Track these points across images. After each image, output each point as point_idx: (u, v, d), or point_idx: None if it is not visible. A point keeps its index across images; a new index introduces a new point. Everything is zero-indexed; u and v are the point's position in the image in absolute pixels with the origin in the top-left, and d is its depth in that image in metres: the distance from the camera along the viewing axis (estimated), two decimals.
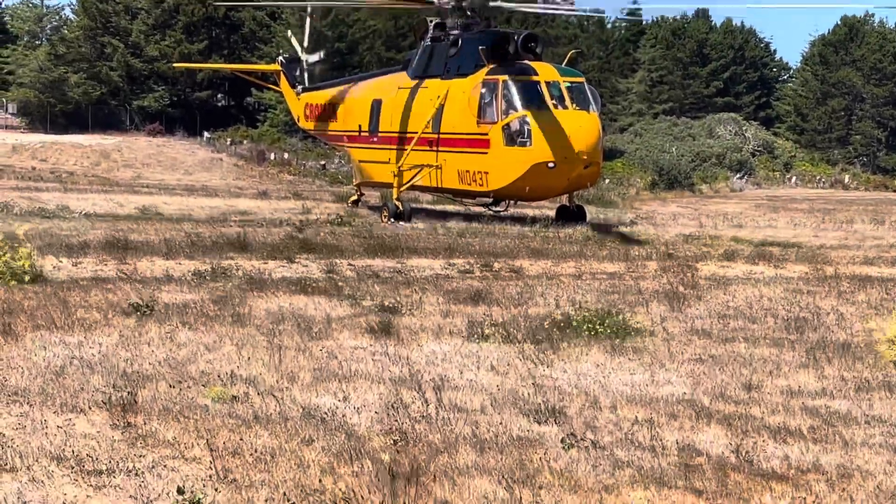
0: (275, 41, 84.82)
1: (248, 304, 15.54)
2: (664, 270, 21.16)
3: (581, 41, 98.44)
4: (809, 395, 11.17)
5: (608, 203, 49.33)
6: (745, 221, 38.52)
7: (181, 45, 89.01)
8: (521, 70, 32.67)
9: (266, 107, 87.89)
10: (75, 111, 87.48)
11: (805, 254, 25.31)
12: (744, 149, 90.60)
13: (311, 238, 25.25)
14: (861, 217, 42.97)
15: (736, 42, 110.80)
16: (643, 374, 11.94)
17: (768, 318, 15.66)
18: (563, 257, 23.26)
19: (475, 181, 33.32)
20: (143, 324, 13.79)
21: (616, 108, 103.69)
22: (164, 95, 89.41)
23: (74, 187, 46.74)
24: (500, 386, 11.17)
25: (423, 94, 35.29)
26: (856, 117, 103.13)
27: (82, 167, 63.42)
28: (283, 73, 45.12)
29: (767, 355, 13.03)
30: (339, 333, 13.71)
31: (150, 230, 26.02)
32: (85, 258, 20.13)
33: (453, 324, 14.51)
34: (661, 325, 14.77)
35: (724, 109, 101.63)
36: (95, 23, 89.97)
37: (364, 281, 18.47)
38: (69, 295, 15.70)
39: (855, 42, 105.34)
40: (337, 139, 41.93)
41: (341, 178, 63.70)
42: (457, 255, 23.03)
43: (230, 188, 53.42)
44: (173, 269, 19.12)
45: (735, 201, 58.14)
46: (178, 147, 75.11)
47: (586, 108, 32.41)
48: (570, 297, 17.08)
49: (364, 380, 11.27)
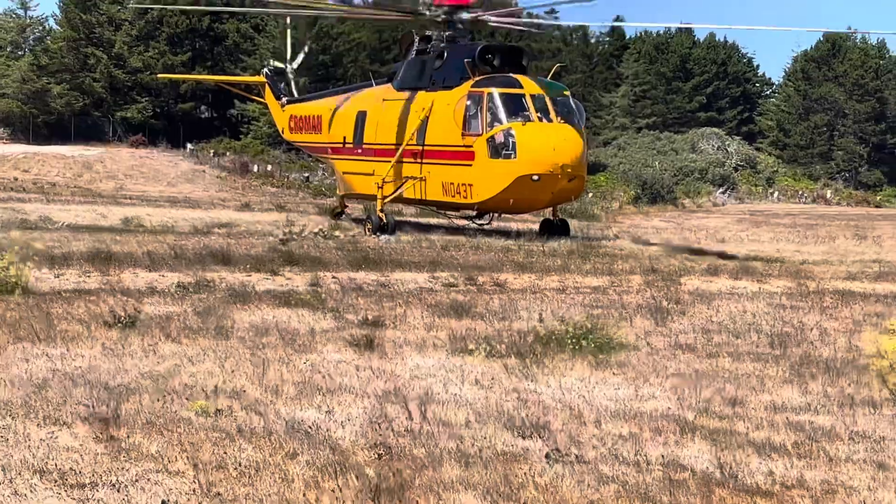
0: (259, 53, 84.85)
1: (231, 316, 15.50)
2: (648, 285, 21.18)
3: (565, 55, 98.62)
4: (793, 410, 11.17)
5: (592, 217, 49.45)
6: (727, 236, 38.62)
7: (165, 57, 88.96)
8: (506, 83, 32.77)
9: (249, 118, 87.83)
10: (58, 122, 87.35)
11: (788, 269, 25.37)
12: (726, 163, 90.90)
13: (294, 251, 25.22)
14: (843, 232, 43.13)
15: (719, 57, 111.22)
16: (627, 388, 11.94)
17: (752, 333, 15.67)
18: (546, 271, 23.27)
19: (459, 193, 33.37)
20: (127, 336, 13.73)
21: (599, 122, 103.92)
22: (148, 107, 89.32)
23: (57, 198, 46.69)
24: (484, 400, 11.16)
25: (407, 107, 35.33)
26: (838, 133, 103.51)
27: (65, 178, 63.32)
28: (267, 84, 45.14)
29: (751, 370, 13.04)
30: (323, 347, 13.68)
31: (133, 242, 25.96)
32: (68, 270, 20.06)
33: (437, 337, 14.49)
34: (645, 340, 14.77)
35: (707, 124, 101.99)
36: (79, 34, 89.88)
37: (348, 294, 18.44)
38: (52, 307, 15.65)
39: (837, 58, 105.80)
40: (321, 151, 41.94)
41: (325, 190, 63.73)
42: (441, 268, 23.01)
43: (213, 200, 53.39)
44: (157, 282, 19.07)
45: (718, 216, 58.32)
46: (161, 159, 75.05)
47: (571, 122, 32.55)
48: (555, 311, 17.08)
49: (348, 393, 11.25)
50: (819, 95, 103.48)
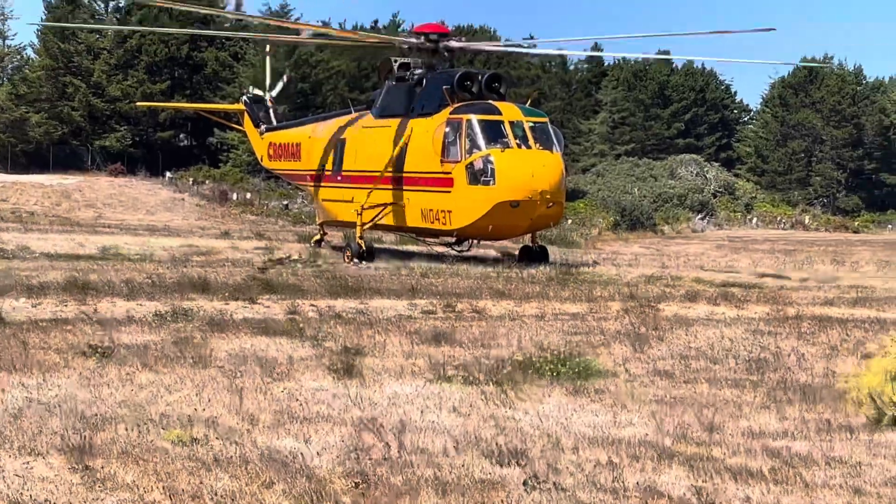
0: (238, 81, 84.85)
1: (209, 345, 15.45)
2: (626, 311, 21.19)
3: (543, 82, 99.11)
4: (770, 436, 11.18)
5: (571, 243, 49.51)
6: (706, 262, 38.70)
7: (144, 86, 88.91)
8: (484, 109, 32.84)
9: (229, 147, 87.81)
10: (36, 151, 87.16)
11: (766, 294, 25.43)
12: (705, 190, 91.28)
13: (273, 278, 25.17)
14: (821, 258, 43.27)
15: (697, 84, 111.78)
16: (605, 415, 11.93)
17: (730, 358, 15.69)
18: (525, 298, 23.27)
19: (438, 220, 33.39)
20: (103, 365, 13.67)
21: (578, 149, 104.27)
22: (127, 135, 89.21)
23: (35, 227, 46.52)
24: (462, 428, 11.14)
25: (386, 133, 35.38)
26: (815, 159, 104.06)
27: (43, 207, 63.11)
28: (246, 112, 45.19)
29: (729, 396, 13.05)
30: (300, 375, 13.64)
31: (111, 271, 25.88)
32: (45, 299, 19.99)
33: (416, 365, 14.47)
34: (623, 366, 14.78)
35: (685, 151, 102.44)
36: (57, 62, 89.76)
37: (326, 322, 18.41)
38: (28, 336, 15.57)
39: (814, 84, 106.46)
40: (300, 178, 41.95)
41: (304, 217, 63.68)
42: (420, 295, 23.00)
43: (192, 228, 53.30)
44: (134, 311, 19.01)
45: (697, 242, 58.48)
46: (139, 187, 74.85)
47: (549, 148, 32.64)
48: (533, 337, 17.08)
49: (326, 422, 11.21)
50: (797, 122, 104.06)
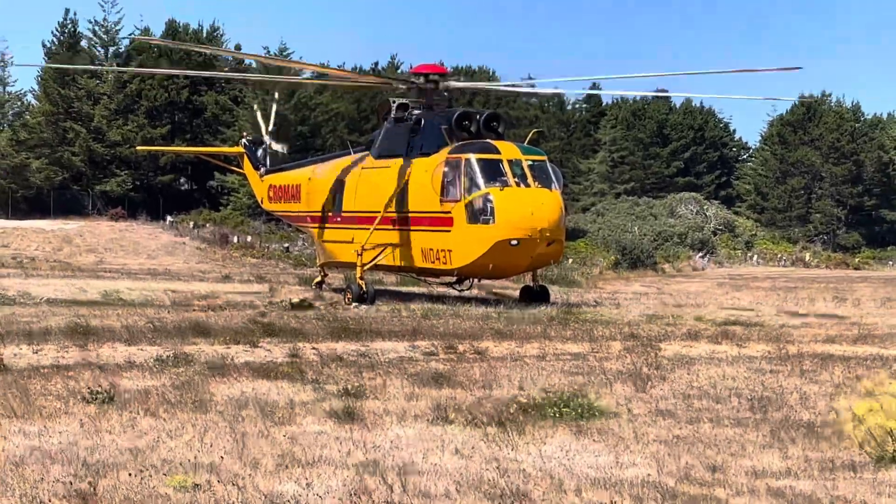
0: (237, 125, 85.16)
1: (210, 389, 15.43)
2: (628, 351, 21.17)
3: (542, 122, 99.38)
4: (774, 475, 11.15)
5: (572, 283, 49.48)
6: (707, 300, 38.67)
7: (144, 130, 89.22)
8: (483, 148, 32.92)
9: (229, 190, 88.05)
10: (37, 196, 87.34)
11: (768, 333, 25.40)
12: (705, 228, 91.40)
13: (274, 322, 25.17)
14: (823, 295, 43.24)
15: (696, 122, 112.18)
16: (608, 456, 11.90)
17: (732, 397, 15.66)
18: (527, 338, 23.25)
19: (439, 259, 33.42)
20: (105, 411, 13.65)
21: (578, 189, 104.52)
22: (127, 180, 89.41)
23: (36, 273, 46.53)
24: (464, 470, 11.11)
25: (385, 174, 35.47)
26: (815, 196, 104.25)
27: (44, 252, 63.17)
28: (246, 155, 45.34)
29: (732, 436, 13.02)
30: (302, 418, 13.61)
31: (113, 316, 25.88)
32: (46, 345, 19.98)
33: (418, 407, 14.44)
34: (625, 406, 14.74)
35: (685, 189, 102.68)
36: (57, 108, 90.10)
37: (328, 365, 18.38)
38: (29, 383, 15.56)
39: (813, 122, 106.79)
40: (300, 220, 42.03)
41: (305, 260, 63.73)
42: (421, 337, 22.98)
43: (193, 272, 53.31)
44: (135, 356, 18.99)
45: (698, 280, 58.45)
46: (140, 231, 74.97)
47: (548, 186, 32.68)
48: (535, 378, 17.05)
49: (328, 465, 11.18)
50: (796, 159, 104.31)
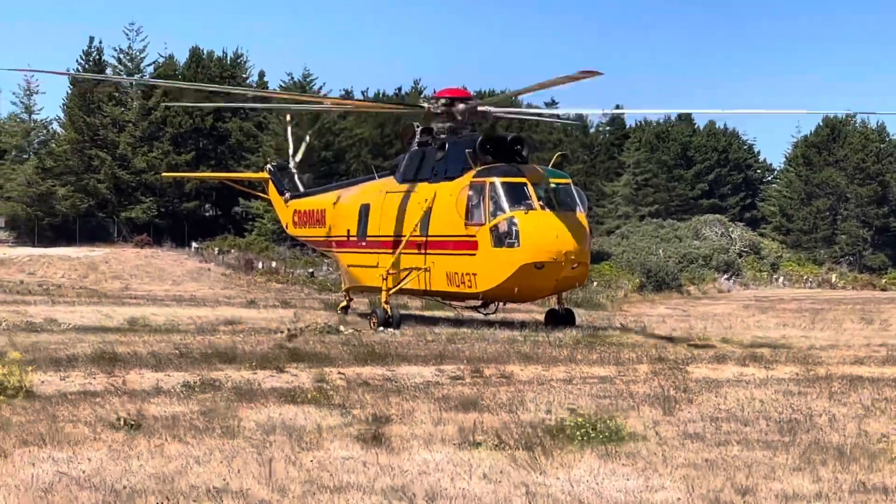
0: (261, 151, 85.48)
1: (237, 415, 15.43)
2: (655, 374, 21.09)
3: (565, 146, 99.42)
4: (804, 498, 11.07)
5: (597, 306, 49.39)
6: (734, 323, 38.52)
7: (169, 157, 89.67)
8: (507, 172, 32.90)
9: (253, 216, 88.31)
10: (63, 224, 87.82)
11: (795, 354, 25.28)
12: (730, 250, 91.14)
13: (300, 347, 25.17)
14: (850, 316, 43.04)
15: (720, 144, 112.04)
16: (637, 479, 11.84)
17: (761, 420, 15.58)
18: (553, 362, 23.19)
19: (464, 283, 33.39)
20: (132, 438, 13.66)
21: (602, 211, 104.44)
22: (152, 207, 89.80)
23: (62, 300, 46.70)
24: (492, 494, 11.07)
25: (410, 198, 35.51)
26: (840, 217, 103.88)
27: (70, 279, 63.46)
28: (271, 180, 45.53)
29: (761, 458, 12.94)
30: (329, 444, 13.59)
31: (139, 342, 25.93)
32: (73, 372, 20.02)
33: (445, 431, 14.41)
34: (653, 430, 14.67)
35: (709, 211, 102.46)
36: (83, 136, 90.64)
37: (354, 390, 18.37)
38: (57, 409, 15.59)
39: (837, 142, 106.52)
40: (325, 245, 42.12)
41: (330, 285, 63.81)
42: (447, 361, 22.95)
43: (218, 298, 53.42)
44: (162, 381, 19.02)
45: (723, 302, 58.25)
46: (165, 258, 75.27)
47: (573, 209, 32.61)
48: (562, 402, 17.00)
49: (356, 491, 11.16)
50: (820, 180, 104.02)
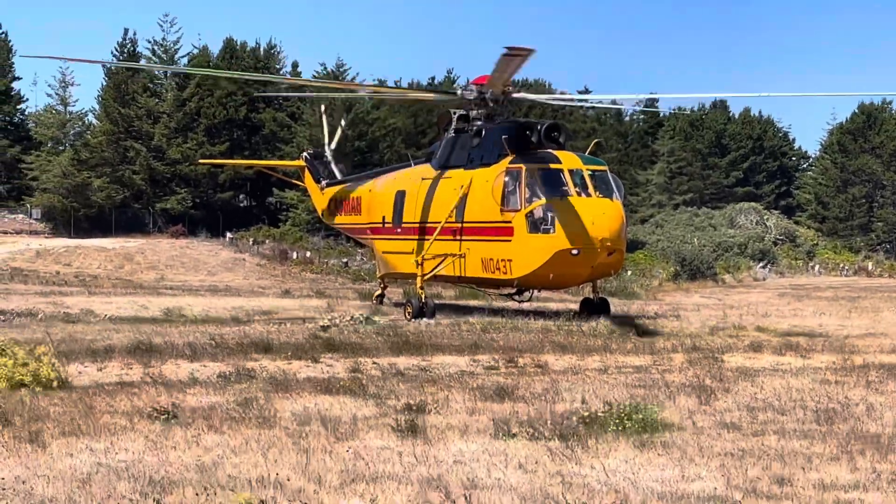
0: (295, 141, 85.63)
1: (273, 405, 15.48)
2: (690, 363, 21.04)
3: (599, 134, 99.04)
4: (842, 488, 11.02)
5: (631, 294, 49.24)
6: (769, 311, 38.35)
7: (203, 148, 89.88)
8: (543, 158, 32.76)
9: (288, 206, 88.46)
10: (98, 215, 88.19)
11: (832, 343, 25.15)
12: (766, 238, 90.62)
13: (335, 337, 25.23)
14: (887, 304, 42.77)
15: (754, 132, 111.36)
16: (673, 469, 11.81)
17: (797, 409, 15.51)
18: (588, 351, 23.17)
19: (499, 269, 33.30)
20: (169, 428, 13.73)
21: (636, 200, 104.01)
22: (187, 197, 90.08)
23: (98, 291, 46.97)
24: (528, 484, 11.06)
25: (446, 184, 35.47)
26: (877, 204, 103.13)
27: (106, 270, 63.76)
28: (307, 168, 45.59)
29: (798, 448, 12.88)
30: (365, 433, 13.62)
31: (175, 332, 26.06)
32: (109, 362, 20.14)
33: (480, 421, 14.41)
34: (689, 419, 14.63)
35: (744, 199, 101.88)
36: (118, 127, 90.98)
37: (389, 379, 18.41)
38: (94, 400, 15.69)
39: (873, 129, 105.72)
40: (361, 232, 42.17)
41: (364, 275, 63.91)
42: (481, 351, 22.96)
43: (253, 288, 53.61)
44: (198, 372, 19.11)
45: (759, 291, 57.97)
46: (200, 248, 75.49)
47: (609, 196, 32.40)
48: (597, 391, 16.98)
49: (392, 481, 11.17)
50: (856, 167, 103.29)
